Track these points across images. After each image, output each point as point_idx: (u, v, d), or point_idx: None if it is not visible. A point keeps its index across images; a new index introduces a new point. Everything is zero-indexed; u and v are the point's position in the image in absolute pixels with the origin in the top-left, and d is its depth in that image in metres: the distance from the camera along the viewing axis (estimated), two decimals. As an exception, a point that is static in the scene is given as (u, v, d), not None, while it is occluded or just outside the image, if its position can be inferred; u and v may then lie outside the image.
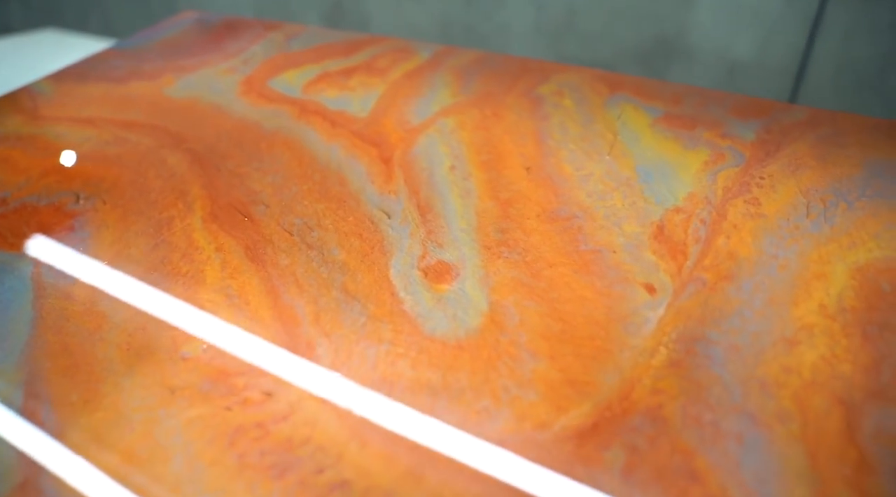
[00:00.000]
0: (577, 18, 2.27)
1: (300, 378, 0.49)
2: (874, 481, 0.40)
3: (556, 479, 0.41)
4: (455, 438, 0.44)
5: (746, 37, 2.00)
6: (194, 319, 0.54)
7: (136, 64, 1.00)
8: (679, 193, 0.63)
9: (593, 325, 0.50)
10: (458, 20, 2.47)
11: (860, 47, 1.87)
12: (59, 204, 0.70)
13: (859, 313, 0.51)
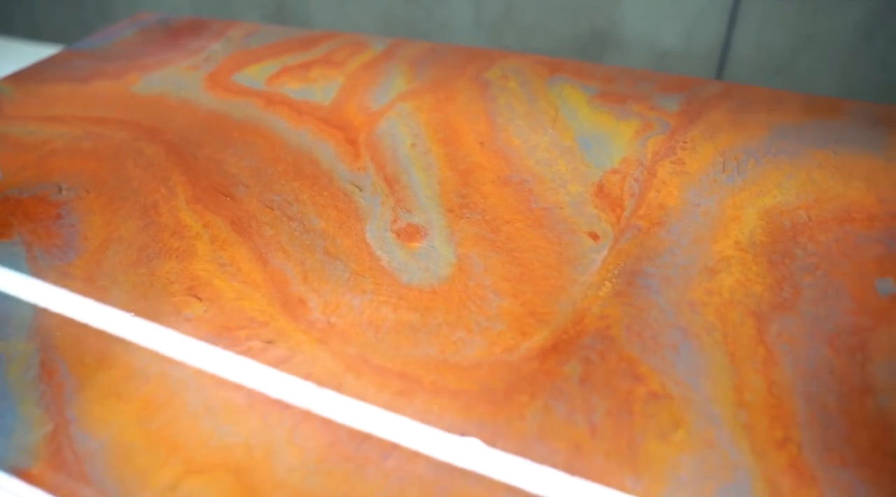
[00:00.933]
0: (514, 13, 2.37)
1: (296, 327, 0.55)
2: (777, 370, 0.50)
3: (522, 387, 0.49)
4: (437, 364, 0.51)
5: (672, 27, 2.14)
6: (192, 286, 0.60)
7: (98, 64, 1.04)
8: (615, 158, 0.72)
9: (547, 268, 0.59)
10: (400, 17, 2.53)
11: (773, 34, 2.03)
12: (41, 195, 0.75)
13: (766, 246, 0.61)
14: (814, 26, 2.02)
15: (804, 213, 0.65)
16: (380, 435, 0.47)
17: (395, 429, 0.47)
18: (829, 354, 0.51)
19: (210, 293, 0.59)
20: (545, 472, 0.44)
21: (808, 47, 2.05)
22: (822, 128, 0.77)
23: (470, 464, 0.45)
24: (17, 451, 0.48)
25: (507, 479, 0.44)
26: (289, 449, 0.46)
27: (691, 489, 0.43)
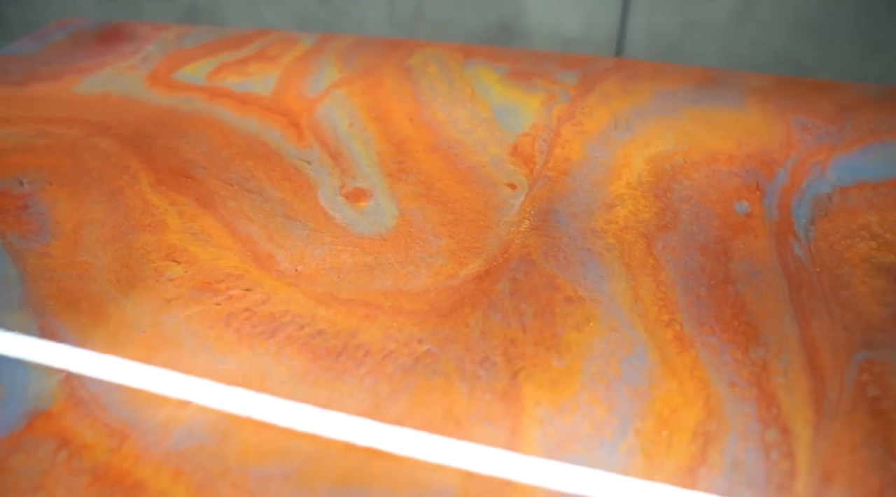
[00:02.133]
0: (426, 9, 2.49)
1: (269, 276, 0.64)
2: (663, 273, 0.64)
3: (464, 303, 0.61)
4: (392, 293, 0.62)
5: (573, 16, 2.32)
6: (169, 253, 0.68)
7: (30, 68, 1.08)
8: (525, 124, 0.85)
9: (476, 213, 0.71)
10: (314, 18, 2.61)
11: (662, 19, 2.24)
12: (4, 190, 0.80)
13: (651, 184, 0.75)
14: (696, 12, 2.25)
15: (681, 157, 0.80)
16: (353, 349, 0.57)
17: (364, 343, 0.58)
18: (700, 259, 0.65)
19: (187, 257, 0.68)
20: (489, 362, 0.56)
21: (693, 31, 2.27)
22: (694, 91, 0.93)
23: (428, 363, 0.56)
24: (34, 397, 0.55)
25: (459, 369, 0.55)
26: (276, 368, 0.56)
27: (602, 362, 0.56)
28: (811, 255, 0.67)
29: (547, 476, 0.47)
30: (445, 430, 0.51)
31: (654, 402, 0.53)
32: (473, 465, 0.48)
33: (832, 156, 0.81)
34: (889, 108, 0.89)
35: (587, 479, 0.47)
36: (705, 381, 0.55)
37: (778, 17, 2.18)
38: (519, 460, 0.48)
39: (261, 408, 0.53)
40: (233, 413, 0.53)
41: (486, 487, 0.47)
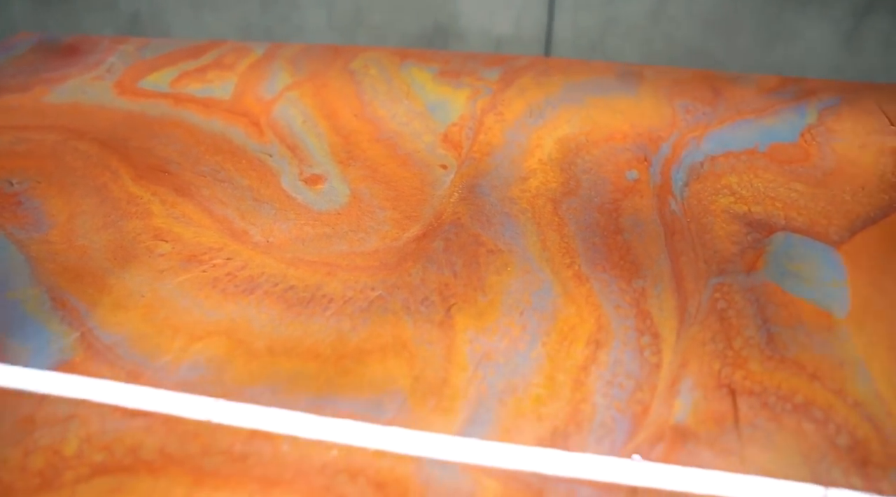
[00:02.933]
0: (364, 14, 2.64)
1: (245, 248, 0.78)
2: (566, 228, 0.81)
3: (407, 258, 0.76)
4: (348, 255, 0.77)
5: (503, 17, 2.50)
6: (157, 234, 0.81)
7: (2, 80, 1.19)
8: (454, 115, 1.01)
9: (414, 189, 0.86)
10: (256, 24, 2.72)
11: (585, 18, 2.45)
12: None
13: (559, 160, 0.92)
14: (615, 10, 2.46)
15: (583, 137, 0.97)
16: (319, 298, 0.72)
17: (328, 293, 0.72)
18: (596, 216, 0.83)
19: (173, 237, 0.81)
20: (428, 301, 0.71)
21: (614, 28, 2.49)
22: (597, 83, 1.11)
23: (381, 305, 0.71)
24: (58, 352, 0.68)
25: (405, 307, 0.70)
26: (258, 315, 0.70)
27: (517, 296, 0.72)
28: (684, 209, 0.85)
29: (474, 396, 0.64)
30: (396, 352, 0.66)
31: (557, 322, 0.69)
32: (416, 371, 0.64)
33: (706, 131, 1.00)
34: (754, 91, 1.09)
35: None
36: (597, 306, 0.71)
37: (688, 13, 2.41)
38: (452, 364, 0.64)
39: (248, 345, 0.67)
40: (226, 351, 0.67)
41: (428, 383, 0.62)
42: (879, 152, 0.95)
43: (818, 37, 2.36)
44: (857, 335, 0.68)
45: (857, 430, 0.59)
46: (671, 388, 0.63)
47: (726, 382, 0.64)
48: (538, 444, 0.57)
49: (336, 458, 0.55)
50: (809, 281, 0.75)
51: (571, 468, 0.55)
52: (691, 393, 0.63)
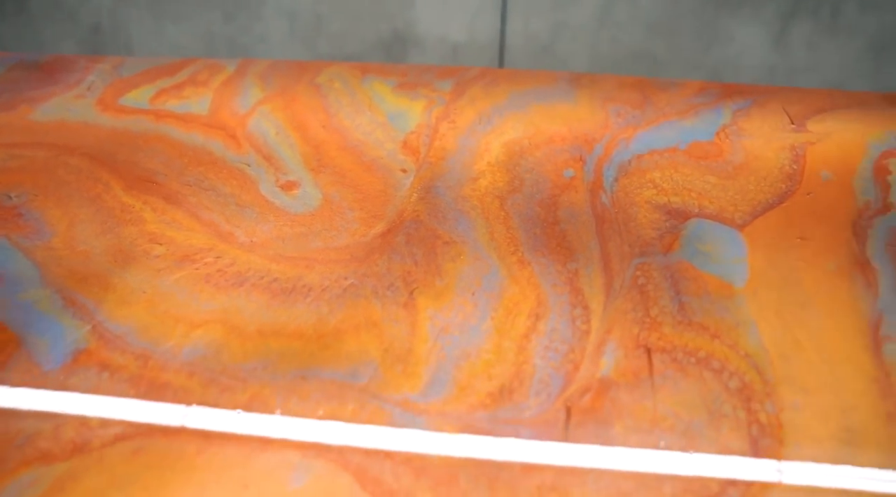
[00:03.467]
0: (324, 23, 2.75)
1: (231, 247, 0.90)
2: (511, 221, 0.94)
3: (374, 251, 0.88)
4: (322, 250, 0.89)
5: (458, 24, 2.63)
6: (152, 238, 0.93)
7: None
8: (412, 124, 1.14)
9: (378, 192, 0.99)
10: (220, 34, 2.80)
11: (535, 23, 2.60)
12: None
13: (505, 162, 1.06)
14: (563, 16, 2.61)
15: (527, 141, 1.11)
16: (300, 288, 0.84)
17: (307, 283, 0.85)
18: (537, 209, 0.97)
19: (166, 240, 0.92)
20: (394, 287, 0.84)
21: (563, 32, 2.64)
22: (539, 91, 1.25)
23: (353, 291, 0.83)
24: (73, 342, 0.79)
25: (374, 292, 0.83)
26: (248, 304, 0.82)
27: (469, 279, 0.85)
28: (612, 201, 0.99)
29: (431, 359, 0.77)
30: (367, 330, 0.79)
31: (503, 300, 0.83)
32: (385, 344, 0.76)
33: (635, 133, 1.15)
34: (678, 96, 1.24)
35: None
36: (536, 285, 0.85)
37: (632, 18, 2.57)
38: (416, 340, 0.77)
39: (240, 330, 0.79)
40: (222, 335, 0.79)
41: (396, 353, 0.75)
42: (780, 148, 1.11)
43: (750, 38, 2.55)
44: (751, 301, 0.84)
45: (745, 376, 0.74)
46: (598, 350, 0.77)
47: (643, 343, 0.78)
48: (489, 399, 0.71)
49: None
50: (716, 259, 0.90)
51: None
52: (614, 353, 0.77)
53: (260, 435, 0.66)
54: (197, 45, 2.96)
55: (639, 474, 0.63)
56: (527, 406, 0.68)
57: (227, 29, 2.88)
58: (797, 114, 1.18)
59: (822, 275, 0.87)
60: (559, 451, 0.65)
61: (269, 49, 2.94)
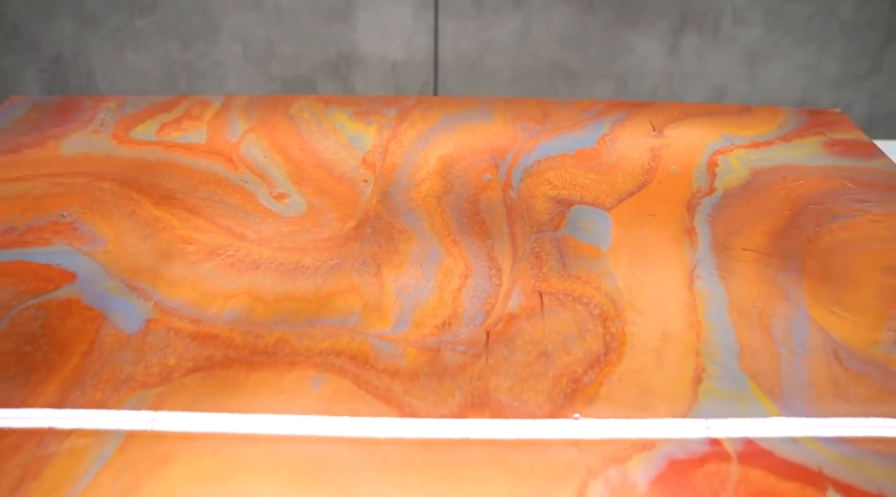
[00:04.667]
0: (276, 46, 3.11)
1: (245, 243, 1.27)
2: (446, 214, 1.35)
3: (350, 240, 1.27)
4: (313, 241, 1.27)
5: (396, 44, 3.03)
6: (183, 240, 1.29)
7: (13, 139, 1.60)
8: (368, 145, 1.54)
9: (348, 198, 1.38)
10: (179, 61, 3.13)
11: (465, 42, 3.02)
12: (53, 222, 1.35)
13: (440, 171, 1.46)
14: (488, 34, 3.05)
15: (455, 154, 1.52)
16: (300, 268, 1.22)
17: (304, 264, 1.23)
18: (465, 205, 1.37)
19: (194, 241, 1.29)
20: (367, 263, 1.23)
21: (489, 49, 3.08)
22: (464, 114, 1.66)
23: (338, 268, 1.22)
24: (143, 314, 1.15)
25: (353, 268, 1.22)
26: (264, 281, 1.20)
27: (418, 255, 1.25)
28: (518, 196, 1.41)
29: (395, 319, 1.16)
30: (350, 293, 1.18)
31: (442, 267, 1.23)
32: (364, 301, 1.15)
33: (536, 144, 1.57)
34: (571, 113, 1.67)
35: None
36: (465, 256, 1.26)
37: (548, 34, 3.03)
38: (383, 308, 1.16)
39: (261, 298, 1.16)
40: (249, 303, 1.16)
41: (371, 306, 1.14)
42: (643, 150, 1.55)
43: (648, 50, 3.04)
44: (611, 259, 1.26)
45: (604, 306, 1.16)
46: (506, 296, 1.18)
47: (537, 290, 1.20)
48: (435, 329, 1.11)
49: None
50: (589, 232, 1.33)
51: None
52: (517, 297, 1.18)
53: (286, 361, 1.04)
54: (156, 71, 3.29)
55: (530, 363, 1.05)
56: (460, 332, 1.09)
57: (186, 56, 3.23)
58: (658, 123, 1.63)
59: (662, 239, 1.31)
60: (482, 354, 1.06)
61: (225, 72, 3.30)
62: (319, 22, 2.97)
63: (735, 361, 1.05)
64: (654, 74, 3.06)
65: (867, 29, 2.82)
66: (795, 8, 2.83)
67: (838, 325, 1.12)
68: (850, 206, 1.38)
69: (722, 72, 3.03)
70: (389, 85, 2.91)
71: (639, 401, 0.99)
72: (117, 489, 0.85)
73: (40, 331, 1.10)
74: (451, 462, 0.89)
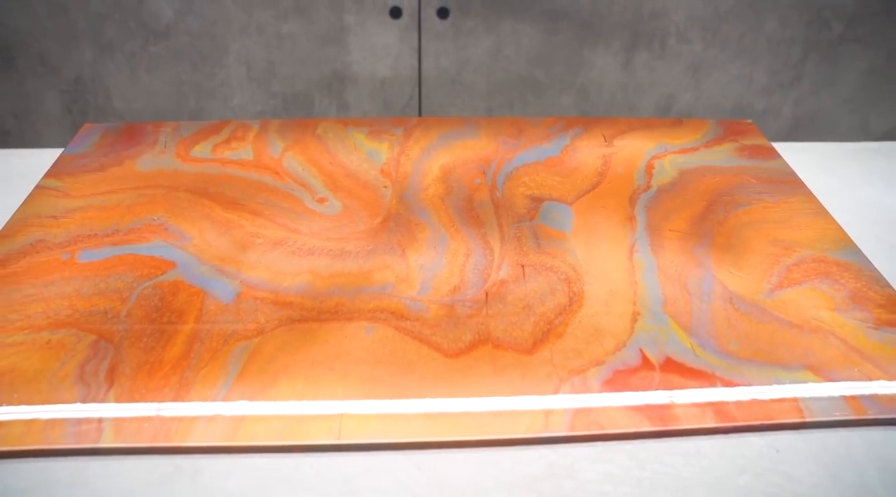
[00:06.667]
0: (276, 67, 3.57)
1: (301, 237, 1.74)
2: (450, 210, 1.83)
3: (379, 231, 1.75)
4: (352, 233, 1.75)
5: (384, 64, 3.52)
6: (252, 235, 1.75)
7: (96, 159, 2.05)
8: (383, 158, 2.02)
9: (373, 200, 1.86)
10: (188, 81, 3.58)
11: (445, 60, 3.51)
12: (147, 224, 1.80)
13: (442, 178, 1.95)
14: (465, 54, 3.55)
15: (451, 164, 2.01)
16: (345, 253, 1.70)
17: (348, 250, 1.71)
18: (462, 203, 1.86)
19: (261, 236, 1.75)
20: (394, 248, 1.71)
21: (466, 66, 3.58)
22: (456, 131, 2.16)
23: (373, 252, 1.70)
24: (233, 290, 1.61)
25: (384, 252, 1.70)
26: (320, 263, 1.67)
27: (431, 241, 1.74)
28: (502, 195, 1.91)
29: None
30: (386, 269, 1.66)
31: (449, 250, 1.72)
32: (396, 274, 1.64)
33: (514, 154, 2.07)
34: (541, 129, 2.18)
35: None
36: (466, 242, 1.75)
37: (518, 53, 3.54)
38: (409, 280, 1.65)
39: (319, 275, 1.64)
40: (311, 279, 1.63)
41: (402, 277, 1.63)
42: (596, 157, 2.06)
43: (606, 65, 3.57)
44: (573, 240, 1.77)
45: (569, 273, 1.66)
46: (498, 268, 1.68)
47: (520, 263, 1.69)
48: (448, 293, 1.60)
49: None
50: (557, 220, 1.83)
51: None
52: (505, 269, 1.68)
53: (345, 317, 1.52)
54: (168, 91, 3.75)
55: (517, 313, 1.54)
56: (466, 293, 1.58)
57: (194, 76, 3.69)
58: (609, 135, 2.14)
59: (610, 224, 1.82)
60: (483, 307, 1.55)
61: (230, 91, 3.77)
62: (316, 45, 3.45)
63: (661, 308, 1.55)
64: (611, 86, 3.60)
65: (789, 44, 3.39)
66: (729, 28, 3.38)
67: (734, 281, 1.63)
68: (751, 197, 1.91)
69: (670, 83, 3.58)
70: (378, 99, 3.39)
71: (593, 335, 1.48)
72: (240, 405, 1.32)
73: (160, 303, 1.56)
74: (465, 375, 1.37)
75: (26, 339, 1.40)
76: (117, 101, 3.55)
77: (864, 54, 3.47)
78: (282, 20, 3.35)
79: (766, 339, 1.43)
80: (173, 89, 3.54)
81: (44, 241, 1.66)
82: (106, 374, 1.31)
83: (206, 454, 0.98)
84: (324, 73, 3.56)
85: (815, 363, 1.31)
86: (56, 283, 1.55)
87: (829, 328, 1.43)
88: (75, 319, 1.45)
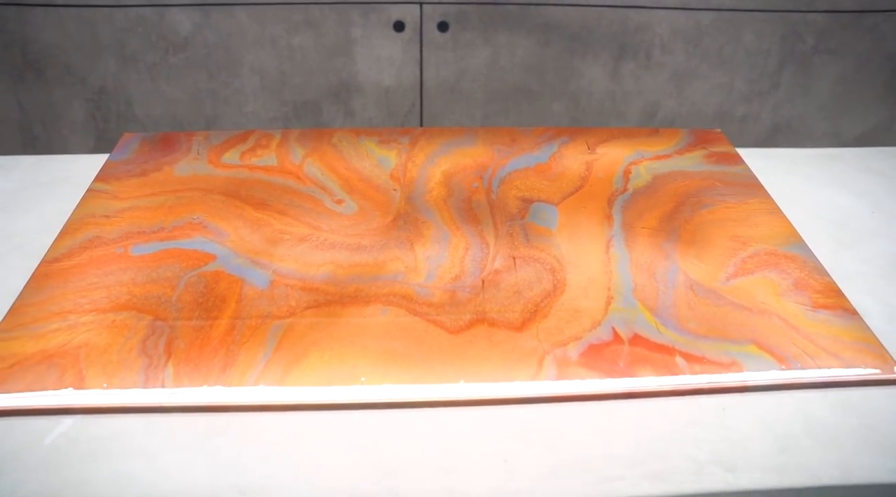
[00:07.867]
0: (287, 77, 3.88)
1: (323, 233, 2.05)
2: (452, 209, 2.14)
3: (390, 228, 2.06)
4: (367, 229, 2.06)
5: (388, 73, 3.82)
6: (281, 232, 2.06)
7: (137, 165, 2.35)
8: (392, 164, 2.33)
9: (384, 201, 2.17)
10: (205, 89, 3.88)
11: (445, 71, 3.82)
12: (188, 222, 2.11)
13: (444, 182, 2.26)
14: (464, 64, 3.86)
15: (452, 169, 2.32)
16: (362, 247, 2.01)
17: (363, 244, 2.02)
18: (461, 204, 2.17)
19: (288, 233, 2.06)
20: (403, 243, 2.02)
21: (464, 76, 3.89)
22: (456, 140, 2.47)
23: (386, 245, 2.01)
24: (266, 278, 1.92)
25: (395, 245, 2.01)
26: (340, 256, 1.97)
27: (436, 238, 2.04)
28: (497, 197, 2.22)
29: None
30: (397, 261, 1.97)
31: (451, 244, 2.02)
32: (405, 265, 1.94)
33: (507, 161, 2.38)
34: (531, 137, 2.49)
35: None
36: (465, 237, 2.05)
37: (512, 63, 3.85)
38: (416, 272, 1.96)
39: (341, 265, 1.94)
40: (333, 269, 1.94)
41: (411, 267, 1.93)
42: (580, 163, 2.38)
43: (595, 74, 3.89)
44: (558, 236, 2.07)
45: (554, 264, 1.97)
46: (493, 259, 1.99)
47: (512, 255, 2.00)
48: (450, 281, 1.91)
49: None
50: (544, 219, 2.13)
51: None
52: (500, 260, 1.98)
53: (363, 301, 1.83)
54: (185, 98, 4.07)
55: (509, 297, 1.85)
56: (466, 281, 1.88)
57: (211, 84, 4.01)
58: (592, 143, 2.45)
59: (590, 223, 2.13)
60: (480, 293, 1.86)
61: (244, 99, 4.09)
62: (324, 56, 3.77)
63: (631, 293, 1.85)
64: (600, 94, 3.92)
65: (766, 56, 3.71)
66: (710, 40, 3.71)
67: (696, 271, 1.94)
68: (715, 198, 2.22)
69: (655, 91, 3.91)
70: (383, 107, 3.70)
71: (573, 316, 1.78)
72: (277, 372, 1.61)
73: (205, 289, 1.86)
74: (465, 348, 1.67)
75: (95, 320, 1.69)
76: (138, 109, 3.85)
77: (835, 65, 3.79)
78: (293, 33, 3.66)
79: (720, 319, 1.73)
80: (191, 97, 3.84)
81: (100, 238, 1.96)
82: (164, 347, 1.60)
83: (250, 412, 1.32)
84: (332, 82, 3.86)
85: (759, 338, 1.60)
86: (114, 272, 1.84)
87: (774, 310, 1.73)
88: (133, 303, 1.74)
